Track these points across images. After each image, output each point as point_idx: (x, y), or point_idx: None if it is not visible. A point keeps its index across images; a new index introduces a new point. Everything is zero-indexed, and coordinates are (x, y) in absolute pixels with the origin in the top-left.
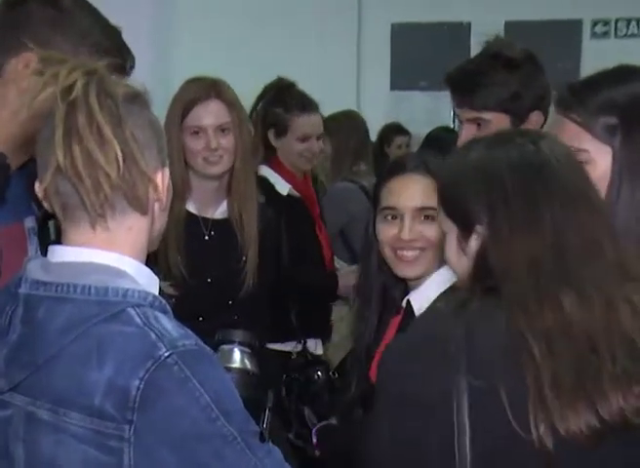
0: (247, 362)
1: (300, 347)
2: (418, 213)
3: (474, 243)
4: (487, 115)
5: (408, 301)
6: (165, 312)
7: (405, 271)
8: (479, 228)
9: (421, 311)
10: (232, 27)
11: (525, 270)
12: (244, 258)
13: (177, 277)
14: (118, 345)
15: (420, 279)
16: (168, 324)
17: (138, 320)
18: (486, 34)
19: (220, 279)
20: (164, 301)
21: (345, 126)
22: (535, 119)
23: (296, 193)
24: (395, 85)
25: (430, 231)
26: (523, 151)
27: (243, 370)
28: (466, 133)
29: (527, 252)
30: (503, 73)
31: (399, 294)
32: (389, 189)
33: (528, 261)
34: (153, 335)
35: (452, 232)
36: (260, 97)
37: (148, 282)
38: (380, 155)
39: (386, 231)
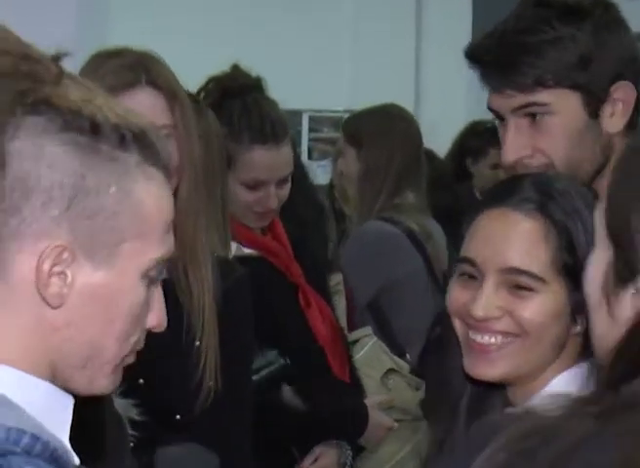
0: None
1: None
2: (505, 276)
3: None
4: (544, 96)
5: None
6: (54, 461)
7: (478, 367)
8: None
9: None
10: None
11: None
12: (197, 344)
13: None
14: None
15: (515, 386)
16: None
17: None
18: None
19: (160, 379)
20: (54, 444)
21: (383, 131)
22: (621, 95)
23: (251, 252)
24: None
25: (524, 309)
26: None
27: None
28: (515, 135)
29: None
30: (563, 27)
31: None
32: (470, 232)
33: None
34: None
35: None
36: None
37: (43, 405)
38: (461, 178)
39: (456, 296)
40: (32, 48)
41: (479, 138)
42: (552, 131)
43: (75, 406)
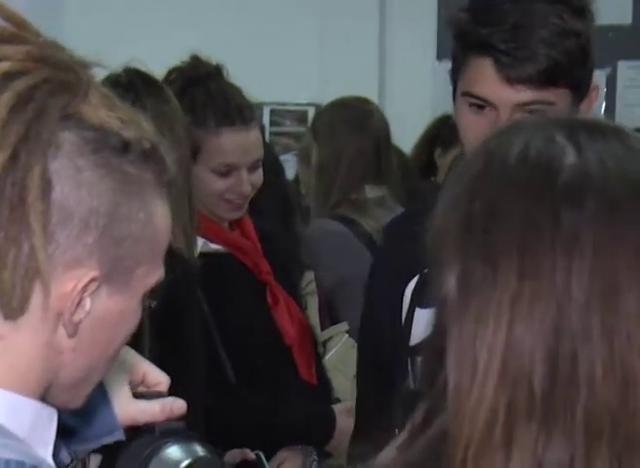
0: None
1: None
2: None
3: None
4: (551, 95)
5: None
6: None
7: None
8: None
9: None
10: None
11: None
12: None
13: None
14: None
15: None
16: None
17: None
18: None
19: None
20: None
21: (339, 122)
22: (593, 94)
23: (217, 248)
24: (445, 52)
25: None
26: None
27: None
28: None
29: None
30: (571, 21)
31: None
32: None
33: None
34: None
35: None
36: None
37: (31, 424)
38: (426, 171)
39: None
40: (64, 52)
41: (451, 130)
42: None
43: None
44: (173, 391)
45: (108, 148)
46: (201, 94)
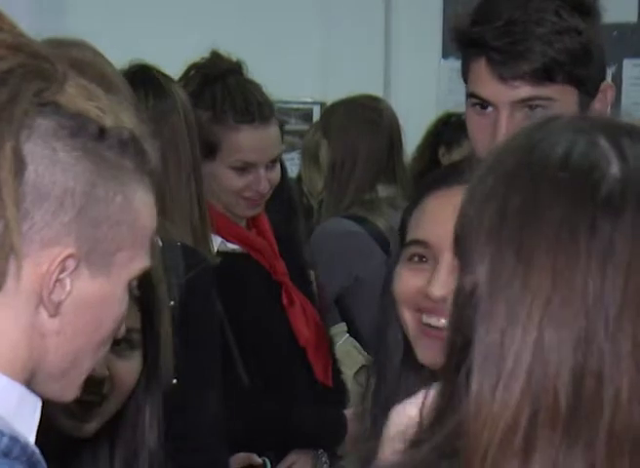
0: None
1: None
2: None
3: None
4: (550, 91)
5: None
6: (32, 465)
7: (435, 355)
8: None
9: None
10: None
11: None
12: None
13: None
14: None
15: None
16: None
17: None
18: None
19: None
20: (32, 448)
21: (354, 121)
22: (609, 93)
23: (235, 247)
24: (450, 50)
25: None
26: None
27: None
28: (509, 127)
29: None
30: (570, 18)
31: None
32: (416, 216)
33: None
34: None
35: None
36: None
37: (15, 409)
38: (430, 170)
39: (406, 281)
40: (40, 45)
41: (454, 129)
42: None
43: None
44: (192, 390)
45: (86, 134)
46: (220, 90)
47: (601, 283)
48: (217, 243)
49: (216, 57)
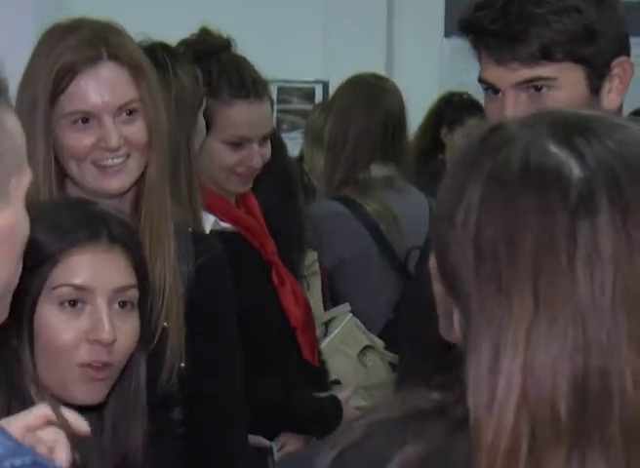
0: None
1: None
2: None
3: None
4: (550, 70)
5: None
6: None
7: None
8: None
9: None
10: None
11: None
12: (164, 325)
13: None
14: None
15: None
16: None
17: None
18: None
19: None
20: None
21: (351, 97)
22: (620, 71)
23: (227, 226)
24: (453, 29)
25: None
26: None
27: None
28: (515, 109)
29: None
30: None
31: None
32: None
33: None
34: None
35: None
36: None
37: None
38: (433, 150)
39: None
40: None
41: (456, 108)
42: (554, 106)
43: None
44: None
45: None
46: (215, 65)
47: (590, 287)
48: (210, 222)
49: (205, 33)
